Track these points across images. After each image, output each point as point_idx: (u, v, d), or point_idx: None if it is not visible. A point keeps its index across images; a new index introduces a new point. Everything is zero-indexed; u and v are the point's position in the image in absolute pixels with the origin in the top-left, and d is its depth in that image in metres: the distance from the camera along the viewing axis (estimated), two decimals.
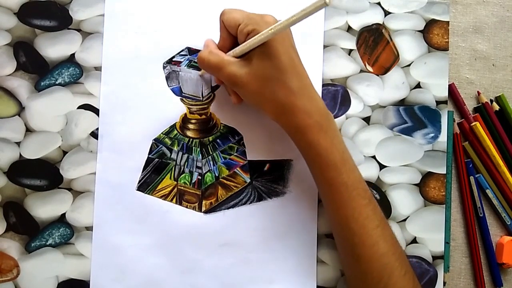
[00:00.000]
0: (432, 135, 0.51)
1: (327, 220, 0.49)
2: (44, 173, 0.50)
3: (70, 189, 0.50)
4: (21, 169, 0.50)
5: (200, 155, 0.50)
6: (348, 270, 0.46)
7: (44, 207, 0.49)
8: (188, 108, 0.50)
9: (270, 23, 0.42)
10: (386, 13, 0.52)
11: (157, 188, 0.50)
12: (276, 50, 0.42)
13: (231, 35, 0.45)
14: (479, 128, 0.51)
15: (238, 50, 0.44)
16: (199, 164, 0.50)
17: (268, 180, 0.50)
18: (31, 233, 0.49)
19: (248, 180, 0.50)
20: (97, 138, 0.50)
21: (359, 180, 0.44)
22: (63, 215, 0.49)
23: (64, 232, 0.49)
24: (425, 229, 0.50)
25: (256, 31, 0.42)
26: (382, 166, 0.51)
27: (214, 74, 0.47)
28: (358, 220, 0.42)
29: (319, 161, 0.43)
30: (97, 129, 0.50)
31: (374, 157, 0.51)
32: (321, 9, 0.35)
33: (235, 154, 0.50)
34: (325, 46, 0.51)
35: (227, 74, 0.44)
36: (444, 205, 0.51)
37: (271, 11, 0.44)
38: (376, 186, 0.51)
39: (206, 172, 0.50)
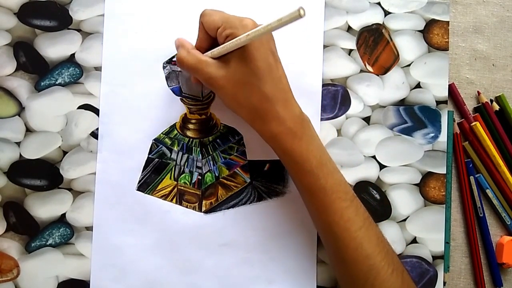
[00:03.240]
0: (432, 135, 0.51)
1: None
2: (44, 173, 0.50)
3: (70, 189, 0.50)
4: (21, 169, 0.50)
5: (200, 155, 0.50)
6: (336, 272, 0.46)
7: (44, 207, 0.49)
8: (188, 108, 0.50)
9: (248, 26, 0.41)
10: (386, 13, 0.52)
11: (157, 188, 0.50)
12: (253, 55, 0.41)
13: (210, 36, 0.44)
14: (479, 128, 0.51)
15: (216, 51, 0.43)
16: (199, 164, 0.50)
17: (268, 180, 0.50)
18: (31, 233, 0.49)
19: (248, 180, 0.50)
20: (97, 138, 0.50)
21: (339, 183, 0.43)
22: (63, 215, 0.49)
23: (64, 232, 0.49)
24: (425, 229, 0.50)
25: (234, 35, 0.41)
26: (382, 166, 0.51)
27: (192, 74, 0.47)
28: (339, 223, 0.42)
29: (295, 168, 0.43)
30: (97, 129, 0.50)
31: (374, 157, 0.51)
32: (296, 20, 0.35)
33: (235, 154, 0.50)
34: (325, 46, 0.51)
35: (205, 76, 0.43)
36: (444, 205, 0.51)
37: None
38: (376, 186, 0.51)
39: (206, 172, 0.50)
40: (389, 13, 0.52)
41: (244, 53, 0.41)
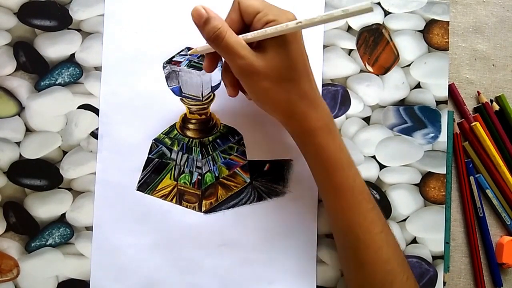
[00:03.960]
0: (432, 135, 0.51)
1: (329, 224, 0.49)
2: (44, 173, 0.50)
3: (70, 189, 0.50)
4: (21, 169, 0.50)
5: (200, 155, 0.50)
6: (350, 275, 0.45)
7: (44, 207, 0.49)
8: (188, 108, 0.50)
9: (290, 19, 0.40)
10: (386, 13, 0.52)
11: (157, 188, 0.50)
12: (294, 51, 0.40)
13: (242, 21, 0.41)
14: (479, 128, 0.51)
15: (251, 35, 0.40)
16: (199, 164, 0.50)
17: (268, 180, 0.50)
18: (31, 233, 0.49)
19: (248, 180, 0.50)
20: (97, 138, 0.50)
21: (364, 185, 0.44)
22: (63, 215, 0.49)
23: (64, 232, 0.49)
24: (425, 229, 0.50)
25: (277, 22, 0.39)
26: (382, 166, 0.51)
27: (226, 56, 0.41)
28: (362, 225, 0.42)
29: (327, 165, 0.43)
30: (97, 129, 0.50)
31: (374, 157, 0.51)
32: (365, 13, 0.35)
33: (235, 154, 0.50)
34: (325, 46, 0.51)
35: (243, 62, 0.39)
36: (444, 205, 0.51)
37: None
38: (376, 186, 0.51)
39: (206, 172, 0.50)
40: (389, 13, 0.52)
41: (284, 46, 0.40)
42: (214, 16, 0.40)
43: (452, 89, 0.52)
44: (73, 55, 0.50)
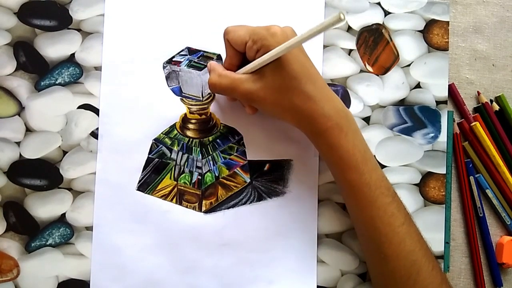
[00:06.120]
0: (432, 135, 0.51)
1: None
2: (44, 173, 0.50)
3: (70, 189, 0.50)
4: (21, 169, 0.50)
5: (200, 155, 0.50)
6: (375, 269, 0.45)
7: (44, 207, 0.49)
8: (188, 108, 0.50)
9: (277, 34, 0.42)
10: (386, 13, 0.52)
11: (157, 188, 0.50)
12: (287, 59, 0.42)
13: (238, 52, 0.45)
14: (479, 128, 0.51)
15: (249, 67, 0.44)
16: (199, 164, 0.50)
17: (268, 180, 0.50)
18: (31, 233, 0.49)
19: (248, 180, 0.50)
20: (97, 138, 0.50)
21: (381, 179, 0.44)
22: (63, 215, 0.49)
23: (64, 232, 0.49)
24: (425, 229, 0.50)
25: (265, 46, 0.41)
26: (382, 166, 0.51)
27: (229, 95, 0.47)
28: (383, 219, 0.42)
29: (340, 164, 0.43)
30: (97, 129, 0.50)
31: (374, 157, 0.51)
32: (337, 25, 0.36)
33: (235, 154, 0.50)
34: (325, 46, 0.51)
35: (243, 93, 0.44)
36: (444, 205, 0.51)
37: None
38: None
39: (206, 172, 0.50)
40: (389, 13, 0.52)
41: (277, 61, 0.42)
42: (212, 69, 0.45)
43: (452, 89, 0.52)
44: (73, 55, 0.50)
